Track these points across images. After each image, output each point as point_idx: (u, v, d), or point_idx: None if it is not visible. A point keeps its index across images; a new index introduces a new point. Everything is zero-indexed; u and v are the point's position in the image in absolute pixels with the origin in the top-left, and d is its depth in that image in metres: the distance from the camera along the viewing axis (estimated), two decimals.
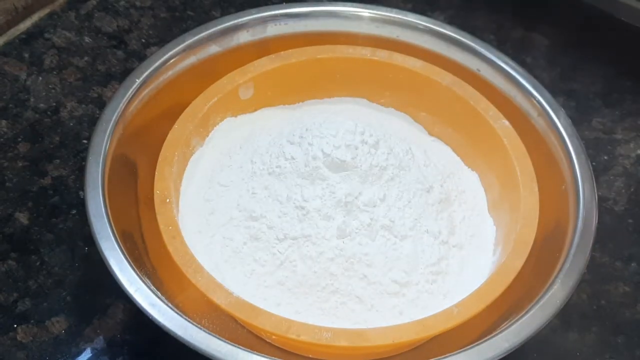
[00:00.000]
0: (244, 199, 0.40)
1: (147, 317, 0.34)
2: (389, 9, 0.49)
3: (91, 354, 0.41)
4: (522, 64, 0.48)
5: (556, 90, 0.56)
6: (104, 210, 0.37)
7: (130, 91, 0.43)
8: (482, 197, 0.45)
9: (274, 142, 0.42)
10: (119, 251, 0.36)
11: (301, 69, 0.47)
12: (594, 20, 0.62)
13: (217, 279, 0.36)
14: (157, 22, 0.61)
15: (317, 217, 0.38)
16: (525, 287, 0.38)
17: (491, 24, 0.63)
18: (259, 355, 0.33)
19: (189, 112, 0.44)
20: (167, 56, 0.45)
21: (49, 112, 0.53)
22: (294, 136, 0.41)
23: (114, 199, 0.38)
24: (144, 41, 0.59)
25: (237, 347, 0.33)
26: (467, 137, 0.47)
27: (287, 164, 0.40)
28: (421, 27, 0.49)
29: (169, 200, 0.39)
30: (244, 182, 0.41)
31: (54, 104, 0.54)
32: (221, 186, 0.42)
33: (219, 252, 0.40)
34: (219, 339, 0.33)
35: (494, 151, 0.44)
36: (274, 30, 0.49)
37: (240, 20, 0.48)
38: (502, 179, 0.44)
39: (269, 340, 0.40)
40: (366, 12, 0.49)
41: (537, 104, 0.45)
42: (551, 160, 0.43)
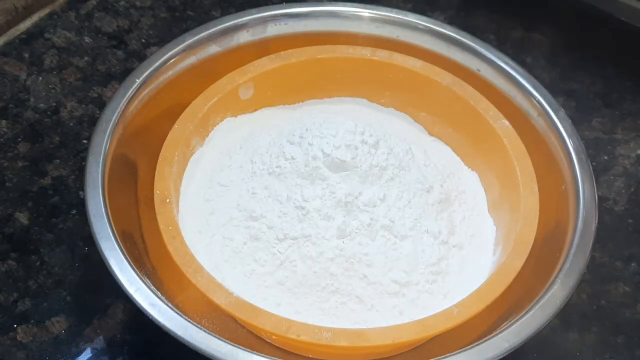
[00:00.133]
0: (244, 199, 0.40)
1: (147, 317, 0.34)
2: (389, 9, 0.49)
3: (91, 354, 0.41)
4: (522, 64, 0.48)
5: (556, 90, 0.56)
6: (104, 210, 0.37)
7: (130, 91, 0.43)
8: (482, 197, 0.45)
9: (274, 142, 0.42)
10: (119, 251, 0.36)
11: (301, 69, 0.47)
12: (594, 20, 0.62)
13: (217, 279, 0.36)
14: (157, 22, 0.61)
15: (317, 217, 0.38)
16: (525, 287, 0.38)
17: (491, 24, 0.63)
18: (259, 355, 0.33)
19: (189, 112, 0.44)
20: (167, 56, 0.45)
21: (49, 112, 0.53)
22: (294, 136, 0.41)
23: (114, 199, 0.38)
24: (144, 41, 0.59)
25: (237, 347, 0.33)
26: (467, 137, 0.47)
27: (287, 164, 0.40)
28: (421, 27, 0.49)
29: (169, 200, 0.39)
30: (244, 182, 0.41)
31: (54, 104, 0.54)
32: (221, 186, 0.42)
33: (219, 252, 0.40)
34: (219, 339, 0.33)
35: (494, 151, 0.44)
36: (274, 30, 0.49)
37: (240, 20, 0.48)
38: (502, 179, 0.44)
39: (269, 340, 0.40)
40: (366, 12, 0.49)
41: (537, 104, 0.45)
42: (551, 160, 0.43)
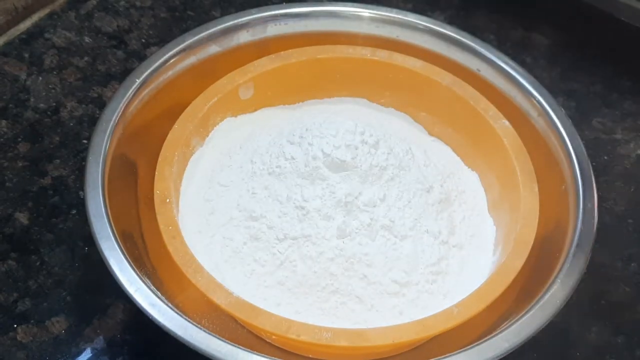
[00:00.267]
0: (244, 199, 0.40)
1: (147, 317, 0.34)
2: (389, 9, 0.49)
3: (91, 354, 0.41)
4: (522, 64, 0.48)
5: (556, 90, 0.56)
6: (104, 210, 0.37)
7: (130, 91, 0.43)
8: (482, 197, 0.45)
9: (274, 142, 0.42)
10: (119, 251, 0.36)
11: (301, 69, 0.47)
12: (594, 20, 0.62)
13: (217, 279, 0.36)
14: (157, 22, 0.61)
15: (317, 217, 0.38)
16: (525, 287, 0.38)
17: (491, 24, 0.63)
18: (259, 355, 0.33)
19: (189, 112, 0.44)
20: (167, 56, 0.45)
21: (49, 112, 0.53)
22: (294, 136, 0.41)
23: (114, 199, 0.38)
24: (144, 41, 0.59)
25: (237, 347, 0.33)
26: (467, 137, 0.47)
27: (287, 164, 0.40)
28: (421, 27, 0.49)
29: (169, 200, 0.39)
30: (244, 182, 0.41)
31: (54, 104, 0.54)
32: (221, 186, 0.42)
33: (219, 252, 0.40)
34: (219, 339, 0.33)
35: (494, 151, 0.44)
36: (274, 30, 0.49)
37: (240, 20, 0.48)
38: (502, 179, 0.44)
39: (269, 340, 0.40)
40: (366, 12, 0.49)
41: (537, 104, 0.45)
42: (551, 160, 0.43)
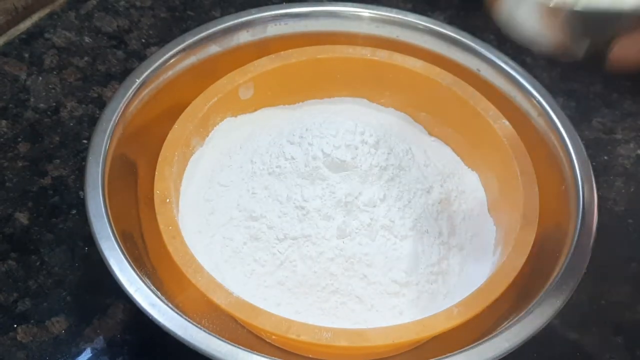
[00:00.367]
0: (244, 199, 0.40)
1: (147, 317, 0.34)
2: (389, 9, 0.49)
3: (91, 354, 0.41)
4: (522, 64, 0.48)
5: (556, 90, 0.56)
6: (104, 210, 0.37)
7: (130, 91, 0.43)
8: (482, 197, 0.45)
9: (274, 142, 0.42)
10: (119, 251, 0.36)
11: (301, 69, 0.47)
12: None
13: (217, 279, 0.36)
14: (157, 22, 0.61)
15: (317, 217, 0.38)
16: (525, 287, 0.38)
17: (491, 24, 0.63)
18: (259, 355, 0.33)
19: (189, 112, 0.44)
20: (167, 56, 0.45)
21: (49, 112, 0.53)
22: (294, 136, 0.41)
23: (114, 199, 0.38)
24: (144, 41, 0.59)
25: (237, 347, 0.33)
26: (467, 137, 0.47)
27: (287, 164, 0.40)
28: (421, 27, 0.49)
29: (169, 200, 0.39)
30: (244, 182, 0.41)
31: (54, 104, 0.54)
32: (221, 186, 0.42)
33: (219, 252, 0.40)
34: (219, 339, 0.33)
35: (494, 151, 0.44)
36: (274, 30, 0.49)
37: (240, 20, 0.48)
38: (502, 179, 0.44)
39: (269, 340, 0.40)
40: (366, 12, 0.49)
41: (537, 104, 0.45)
42: (551, 160, 0.43)
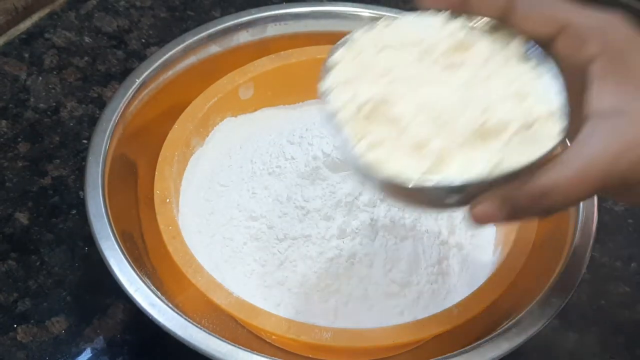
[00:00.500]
0: (244, 199, 0.40)
1: (147, 317, 0.34)
2: (389, 9, 0.49)
3: (91, 354, 0.41)
4: None
5: None
6: (104, 210, 0.37)
7: (130, 91, 0.43)
8: None
9: (274, 142, 0.42)
10: (119, 251, 0.36)
11: (301, 69, 0.47)
12: None
13: (217, 279, 0.36)
14: (157, 22, 0.61)
15: (317, 217, 0.38)
16: (525, 287, 0.38)
17: None
18: (259, 355, 0.33)
19: (189, 112, 0.44)
20: (167, 56, 0.45)
21: (49, 112, 0.53)
22: (294, 136, 0.41)
23: (114, 199, 0.38)
24: (144, 41, 0.59)
25: (237, 347, 0.33)
26: None
27: (287, 164, 0.40)
28: None
29: (169, 200, 0.39)
30: (244, 182, 0.41)
31: (54, 104, 0.54)
32: (221, 186, 0.42)
33: (219, 252, 0.40)
34: (219, 339, 0.33)
35: None
36: (274, 30, 0.49)
37: (240, 20, 0.48)
38: None
39: (269, 340, 0.40)
40: (366, 12, 0.49)
41: None
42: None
